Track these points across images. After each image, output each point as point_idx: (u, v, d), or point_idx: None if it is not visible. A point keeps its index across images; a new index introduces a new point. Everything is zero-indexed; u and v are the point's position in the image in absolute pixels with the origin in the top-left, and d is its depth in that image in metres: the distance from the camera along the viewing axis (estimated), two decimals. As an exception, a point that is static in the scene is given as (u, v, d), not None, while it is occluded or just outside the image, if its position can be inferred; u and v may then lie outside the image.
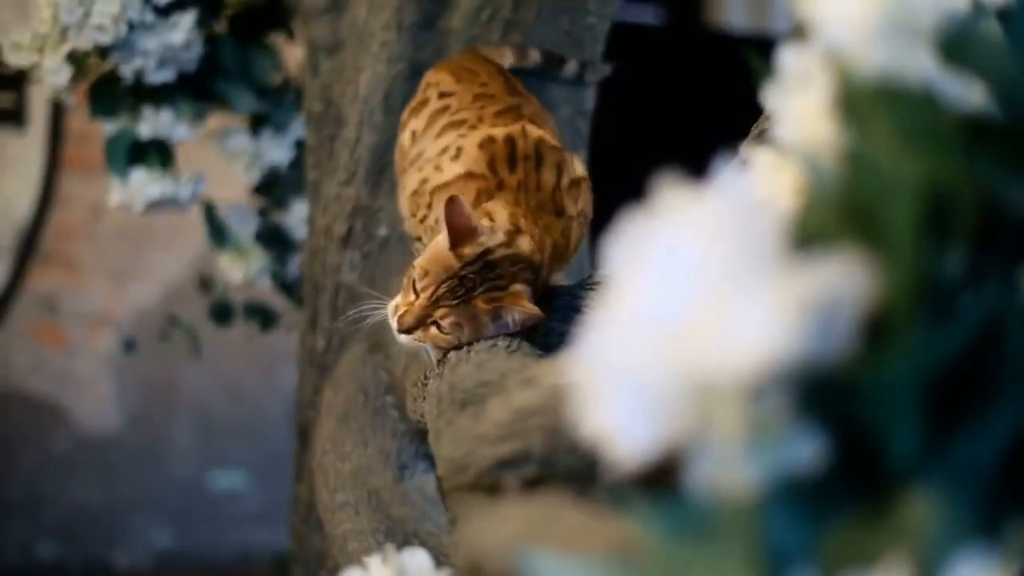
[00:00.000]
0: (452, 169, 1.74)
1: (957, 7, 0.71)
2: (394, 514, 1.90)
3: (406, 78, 2.25)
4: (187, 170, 2.61)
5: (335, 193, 2.32)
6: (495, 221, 1.63)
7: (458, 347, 1.59)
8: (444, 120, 1.87)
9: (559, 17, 2.23)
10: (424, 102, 1.95)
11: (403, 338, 1.63)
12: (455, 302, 1.58)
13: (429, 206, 1.77)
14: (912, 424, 0.62)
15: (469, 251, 1.57)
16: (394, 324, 1.62)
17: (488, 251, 1.58)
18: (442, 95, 1.93)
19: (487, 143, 1.74)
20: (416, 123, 1.94)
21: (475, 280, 1.57)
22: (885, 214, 0.65)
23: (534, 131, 1.75)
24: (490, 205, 1.66)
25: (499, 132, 1.75)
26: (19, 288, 4.49)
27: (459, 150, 1.75)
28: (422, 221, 1.80)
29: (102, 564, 4.58)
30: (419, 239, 1.83)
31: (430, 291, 1.58)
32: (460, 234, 1.57)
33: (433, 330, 1.60)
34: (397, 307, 1.62)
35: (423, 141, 1.88)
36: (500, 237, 1.60)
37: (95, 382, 4.62)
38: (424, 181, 1.79)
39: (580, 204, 1.74)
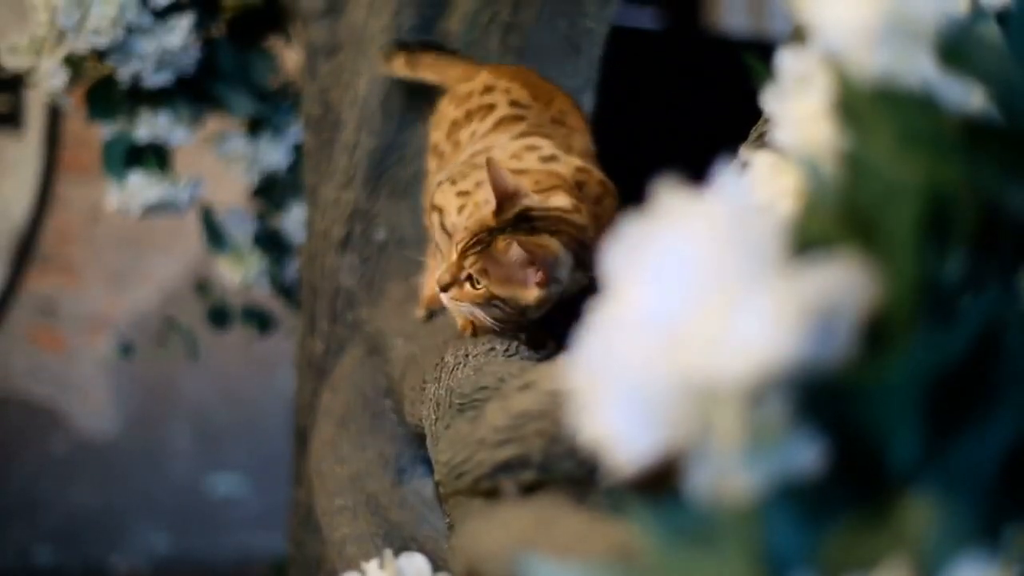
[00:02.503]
0: (545, 165, 1.72)
1: (956, 10, 0.71)
2: (392, 518, 1.90)
3: (405, 82, 2.25)
4: (185, 173, 2.61)
5: (333, 197, 2.32)
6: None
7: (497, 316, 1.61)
8: (522, 127, 1.85)
9: (557, 21, 2.24)
10: (491, 106, 1.91)
11: (444, 297, 1.64)
12: (479, 248, 1.58)
13: (467, 192, 1.77)
14: (912, 428, 0.62)
15: (507, 211, 1.57)
16: (435, 285, 1.64)
17: (528, 208, 1.58)
18: (514, 104, 1.90)
19: (582, 171, 1.72)
20: (476, 125, 1.91)
21: (503, 230, 1.57)
22: (885, 218, 0.65)
23: (615, 197, 1.72)
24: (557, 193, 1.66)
25: (595, 173, 1.73)
26: (17, 292, 4.49)
27: (553, 157, 1.74)
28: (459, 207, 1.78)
29: (100, 568, 4.57)
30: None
31: (462, 244, 1.59)
32: (502, 197, 1.57)
33: (467, 286, 1.60)
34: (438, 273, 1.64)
35: (489, 137, 1.86)
36: (538, 199, 1.60)
37: (93, 386, 4.61)
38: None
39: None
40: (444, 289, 1.62)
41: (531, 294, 1.58)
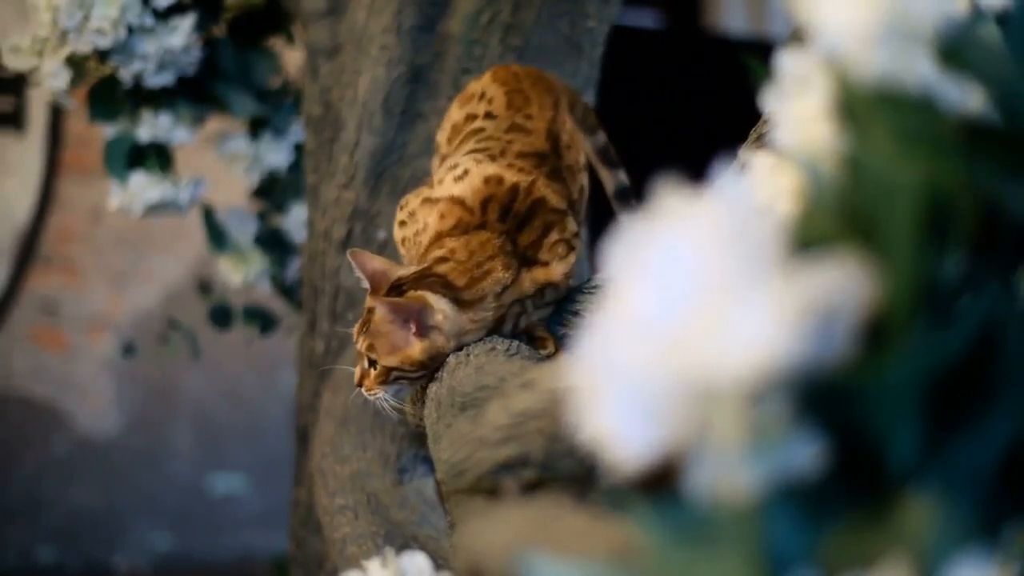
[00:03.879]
0: (449, 188, 1.73)
1: (956, 11, 0.71)
2: (393, 517, 1.90)
3: (405, 81, 2.26)
4: (186, 173, 2.61)
5: (334, 196, 2.32)
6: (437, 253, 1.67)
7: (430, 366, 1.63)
8: (472, 143, 1.83)
9: (558, 21, 2.24)
10: (473, 116, 1.90)
11: (368, 396, 1.69)
12: (364, 327, 1.65)
13: (412, 214, 1.77)
14: (911, 428, 0.63)
15: (380, 289, 1.65)
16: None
17: (398, 279, 1.65)
18: (487, 115, 1.88)
19: (493, 181, 1.70)
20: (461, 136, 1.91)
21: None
22: (884, 218, 0.65)
23: (541, 189, 1.70)
24: (447, 242, 1.67)
25: (509, 176, 1.71)
26: (19, 292, 4.50)
27: (466, 173, 1.73)
28: (400, 224, 1.81)
29: (102, 567, 4.57)
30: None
31: (356, 334, 1.67)
32: (372, 279, 1.67)
33: (371, 372, 1.65)
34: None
35: (454, 155, 1.85)
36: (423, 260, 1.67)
37: (95, 385, 4.62)
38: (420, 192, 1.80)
39: (561, 265, 1.72)
40: (359, 385, 1.67)
41: (415, 349, 1.61)
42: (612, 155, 1.97)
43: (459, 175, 1.73)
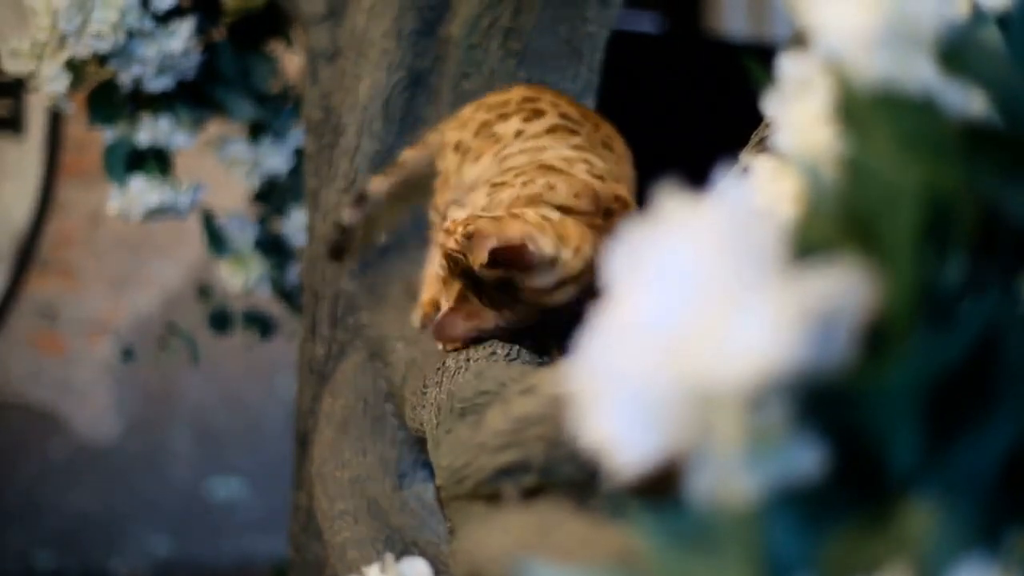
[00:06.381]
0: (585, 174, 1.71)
1: (957, 14, 0.71)
2: (393, 523, 1.90)
3: (406, 86, 2.26)
4: (186, 178, 2.61)
5: (335, 201, 2.32)
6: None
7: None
8: (577, 141, 1.81)
9: (558, 25, 2.24)
10: (540, 112, 1.88)
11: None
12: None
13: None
14: (912, 433, 0.62)
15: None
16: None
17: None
18: (565, 116, 1.87)
19: (618, 201, 1.68)
20: (523, 125, 1.87)
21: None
22: (885, 222, 0.65)
23: (631, 207, 1.70)
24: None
25: (631, 204, 1.70)
26: (17, 296, 4.49)
27: (601, 177, 1.71)
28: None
29: (100, 572, 4.57)
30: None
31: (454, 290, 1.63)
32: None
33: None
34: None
35: (539, 140, 1.82)
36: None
37: (93, 390, 4.61)
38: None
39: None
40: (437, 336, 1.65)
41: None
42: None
43: (596, 173, 1.71)
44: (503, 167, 1.77)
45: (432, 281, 1.93)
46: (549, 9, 2.21)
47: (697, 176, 0.79)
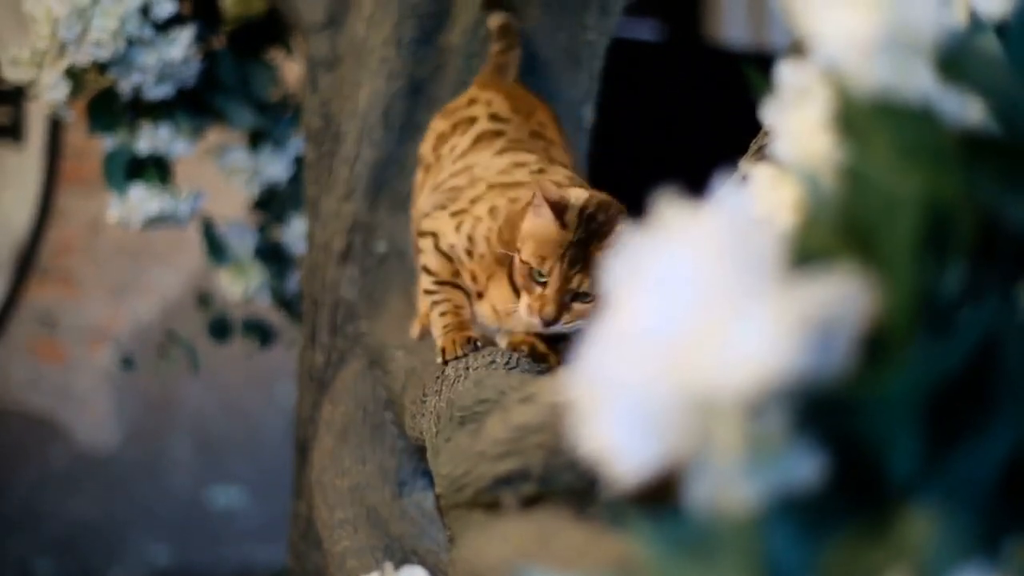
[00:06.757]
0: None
1: (956, 23, 0.71)
2: (393, 531, 1.90)
3: (406, 94, 2.26)
4: (186, 186, 2.61)
5: (334, 209, 2.32)
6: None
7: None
8: (500, 144, 1.88)
9: (558, 33, 2.24)
10: (472, 119, 1.96)
11: (542, 326, 1.63)
12: (582, 265, 1.59)
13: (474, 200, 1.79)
14: (911, 440, 0.62)
15: (570, 216, 1.59)
16: (537, 321, 1.61)
17: (583, 208, 1.59)
18: (494, 117, 1.94)
19: (570, 181, 1.74)
20: (457, 139, 1.95)
21: (586, 238, 1.58)
22: (884, 230, 0.65)
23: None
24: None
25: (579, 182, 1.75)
26: (17, 303, 4.49)
27: (542, 170, 1.78)
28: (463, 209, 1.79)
29: (100, 580, 4.57)
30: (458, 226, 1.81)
31: (557, 269, 1.59)
32: (559, 208, 1.59)
33: (576, 305, 1.60)
34: (530, 306, 1.62)
35: (470, 156, 1.89)
36: (583, 193, 1.62)
37: (93, 398, 4.61)
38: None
39: None
40: (553, 322, 1.61)
41: None
42: None
43: (535, 170, 1.79)
44: (446, 192, 1.85)
45: None
46: (549, 17, 2.22)
47: (696, 184, 0.79)
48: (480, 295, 1.76)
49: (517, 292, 1.66)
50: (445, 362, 1.67)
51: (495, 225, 1.72)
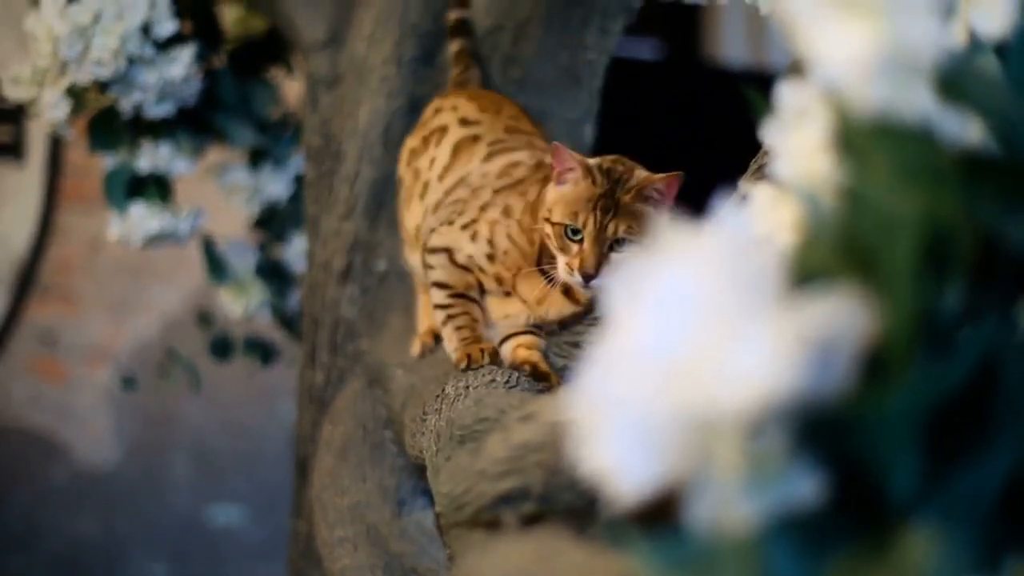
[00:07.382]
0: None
1: (955, 43, 0.71)
2: (393, 549, 1.90)
3: (406, 112, 2.26)
4: (186, 204, 2.61)
5: (334, 227, 2.33)
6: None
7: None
8: (482, 149, 1.91)
9: (558, 53, 2.24)
10: (443, 128, 1.98)
11: (580, 284, 1.67)
12: (613, 212, 1.63)
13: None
14: (911, 459, 0.62)
15: (593, 173, 1.66)
16: (579, 279, 1.64)
17: (599, 164, 1.67)
18: (464, 121, 1.96)
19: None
20: (433, 151, 1.97)
21: (611, 188, 1.64)
22: (883, 250, 0.65)
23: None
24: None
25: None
26: (17, 321, 4.49)
27: (540, 164, 1.83)
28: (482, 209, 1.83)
29: (99, 599, 4.56)
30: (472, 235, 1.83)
31: (592, 219, 1.63)
32: (584, 166, 1.66)
33: (613, 255, 1.63)
34: (568, 264, 1.65)
35: (457, 168, 1.91)
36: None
37: (93, 416, 4.60)
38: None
39: None
40: (593, 277, 1.63)
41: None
42: None
43: (532, 165, 1.85)
44: (448, 207, 1.88)
45: (427, 311, 1.97)
46: (549, 37, 2.22)
47: (696, 204, 0.79)
48: (508, 294, 1.79)
49: (547, 278, 1.70)
50: (469, 369, 1.68)
51: (513, 221, 1.77)
